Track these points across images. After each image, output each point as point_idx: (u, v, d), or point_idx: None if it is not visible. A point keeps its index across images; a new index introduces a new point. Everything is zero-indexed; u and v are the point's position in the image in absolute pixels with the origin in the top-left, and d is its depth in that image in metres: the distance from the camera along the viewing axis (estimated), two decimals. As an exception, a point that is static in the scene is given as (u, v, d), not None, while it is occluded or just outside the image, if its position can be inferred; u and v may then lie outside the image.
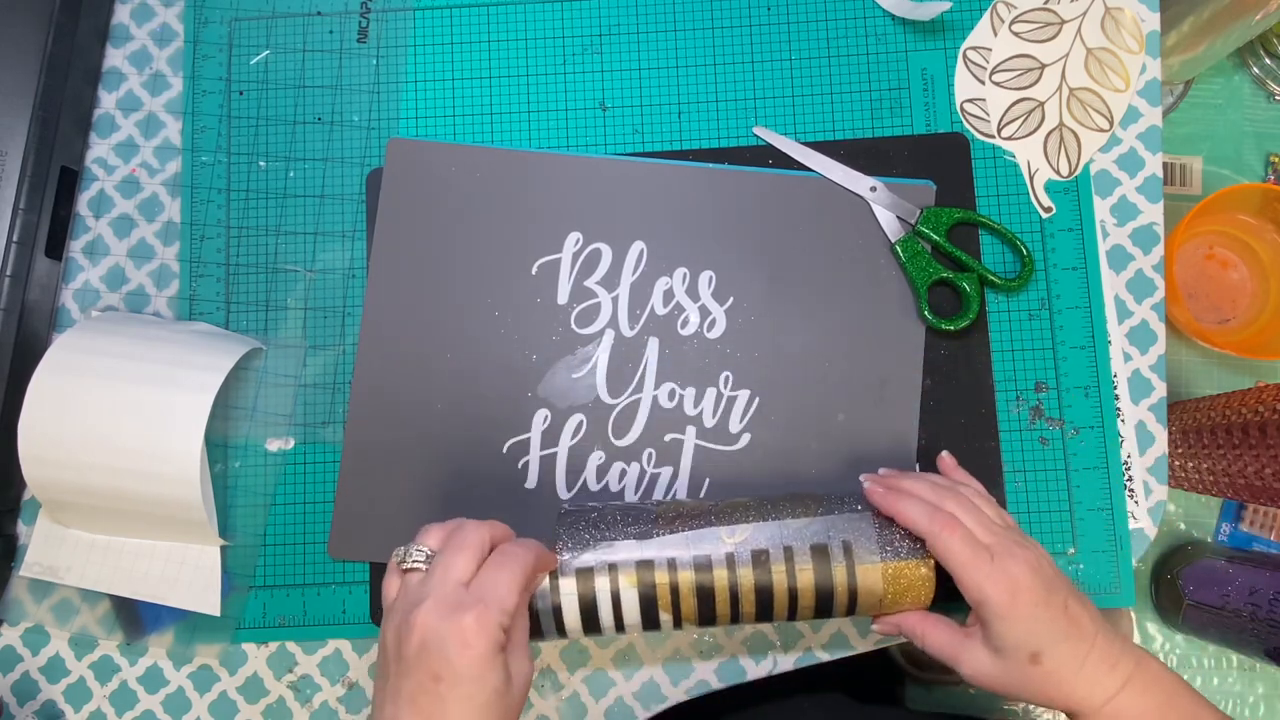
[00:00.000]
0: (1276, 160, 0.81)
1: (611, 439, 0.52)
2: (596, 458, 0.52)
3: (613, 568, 0.42)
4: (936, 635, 0.43)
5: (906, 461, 0.51)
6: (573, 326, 0.53)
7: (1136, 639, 0.76)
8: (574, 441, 0.52)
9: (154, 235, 0.56)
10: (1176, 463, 0.66)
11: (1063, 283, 0.53)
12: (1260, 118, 0.81)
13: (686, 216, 0.54)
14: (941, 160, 0.54)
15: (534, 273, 0.54)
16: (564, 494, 0.52)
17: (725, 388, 0.52)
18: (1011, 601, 0.39)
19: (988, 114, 0.55)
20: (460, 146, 0.55)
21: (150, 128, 0.57)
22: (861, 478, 0.44)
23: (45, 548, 0.53)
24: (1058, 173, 0.54)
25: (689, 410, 0.52)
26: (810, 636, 0.52)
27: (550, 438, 0.52)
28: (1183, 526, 0.77)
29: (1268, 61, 0.80)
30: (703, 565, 0.42)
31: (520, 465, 0.52)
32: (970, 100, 0.55)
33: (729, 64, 0.56)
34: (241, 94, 0.57)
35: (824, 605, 0.43)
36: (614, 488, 0.52)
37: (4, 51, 0.53)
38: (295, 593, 0.53)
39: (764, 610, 0.43)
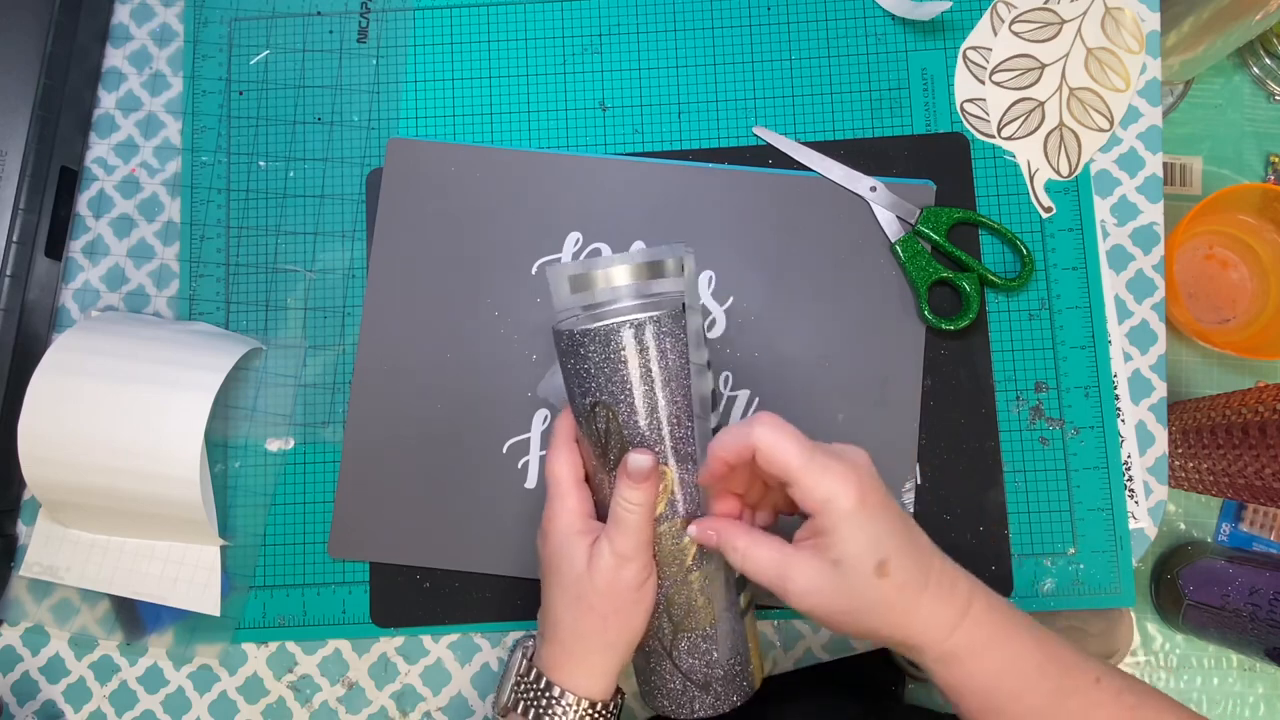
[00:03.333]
0: (1276, 160, 0.81)
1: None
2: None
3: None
4: (759, 552, 0.37)
5: (906, 461, 0.51)
6: (573, 326, 0.53)
7: (1136, 639, 0.76)
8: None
9: (154, 235, 0.56)
10: (1176, 463, 0.66)
11: (1063, 283, 0.53)
12: (1260, 118, 0.81)
13: (686, 216, 0.54)
14: (941, 160, 0.54)
15: (534, 273, 0.54)
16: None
17: (725, 388, 0.52)
18: (860, 498, 0.35)
19: (988, 114, 0.55)
20: (460, 146, 0.55)
21: (150, 128, 0.57)
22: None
23: (45, 548, 0.53)
24: (1058, 173, 0.54)
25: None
26: (810, 637, 0.52)
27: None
28: (1183, 526, 0.77)
29: (1268, 61, 0.80)
30: None
31: (520, 465, 0.52)
32: (970, 100, 0.55)
33: (729, 64, 0.56)
34: (241, 94, 0.57)
35: None
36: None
37: (4, 51, 0.53)
38: (295, 593, 0.53)
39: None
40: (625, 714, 0.51)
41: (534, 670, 0.41)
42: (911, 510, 0.51)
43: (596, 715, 0.40)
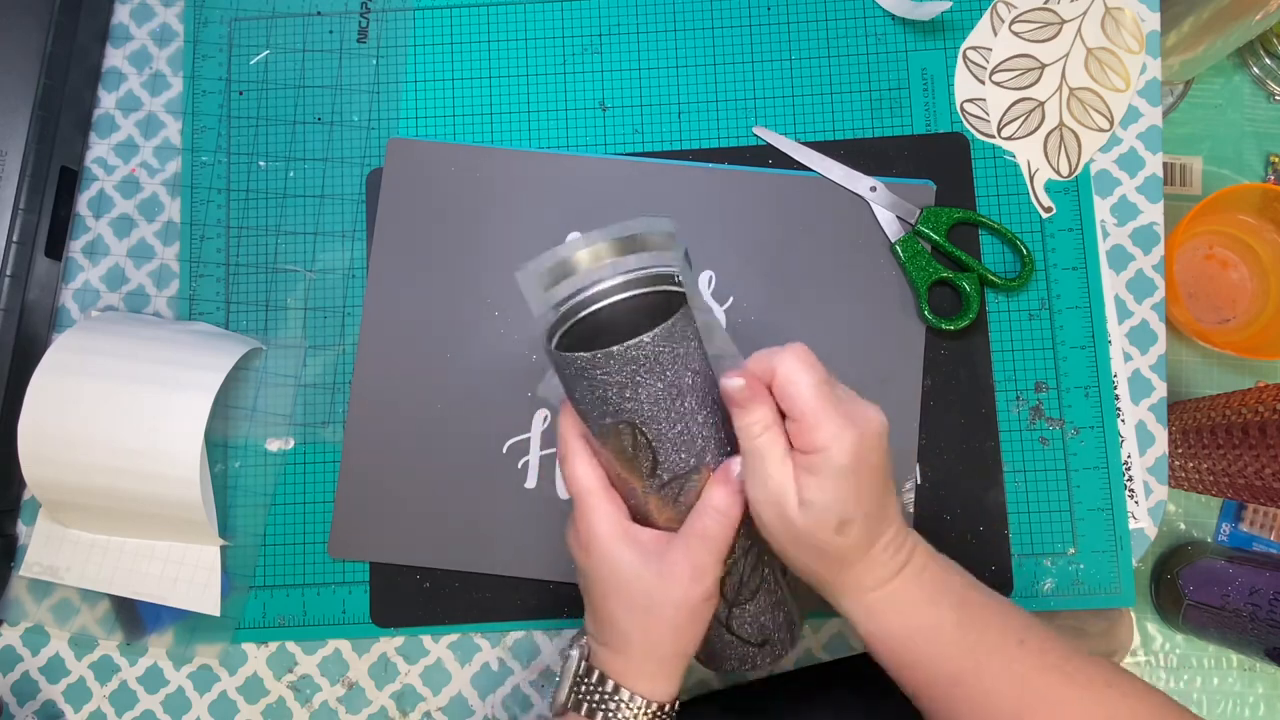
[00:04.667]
0: (1276, 160, 0.81)
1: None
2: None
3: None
4: (775, 441, 0.36)
5: (907, 461, 0.51)
6: (573, 326, 0.53)
7: (1136, 639, 0.76)
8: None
9: (154, 235, 0.56)
10: (1176, 463, 0.66)
11: (1063, 283, 0.53)
12: (1260, 118, 0.81)
13: (686, 216, 0.54)
14: (941, 160, 0.54)
15: (534, 273, 0.54)
16: (564, 494, 0.52)
17: (725, 388, 0.52)
18: (854, 457, 0.35)
19: (988, 114, 0.55)
20: (460, 146, 0.55)
21: (150, 128, 0.57)
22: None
23: (45, 548, 0.53)
24: (1058, 173, 0.54)
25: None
26: (810, 637, 0.52)
27: (550, 438, 0.52)
28: (1183, 526, 0.77)
29: (1268, 61, 0.80)
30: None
31: (520, 465, 0.52)
32: (970, 100, 0.55)
33: (729, 64, 0.56)
34: (241, 94, 0.57)
35: None
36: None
37: (4, 51, 0.53)
38: (295, 593, 0.53)
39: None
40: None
41: (596, 672, 0.40)
42: (911, 510, 0.51)
43: (664, 715, 0.39)
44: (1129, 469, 0.52)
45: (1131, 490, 0.52)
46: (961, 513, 0.51)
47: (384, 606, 0.52)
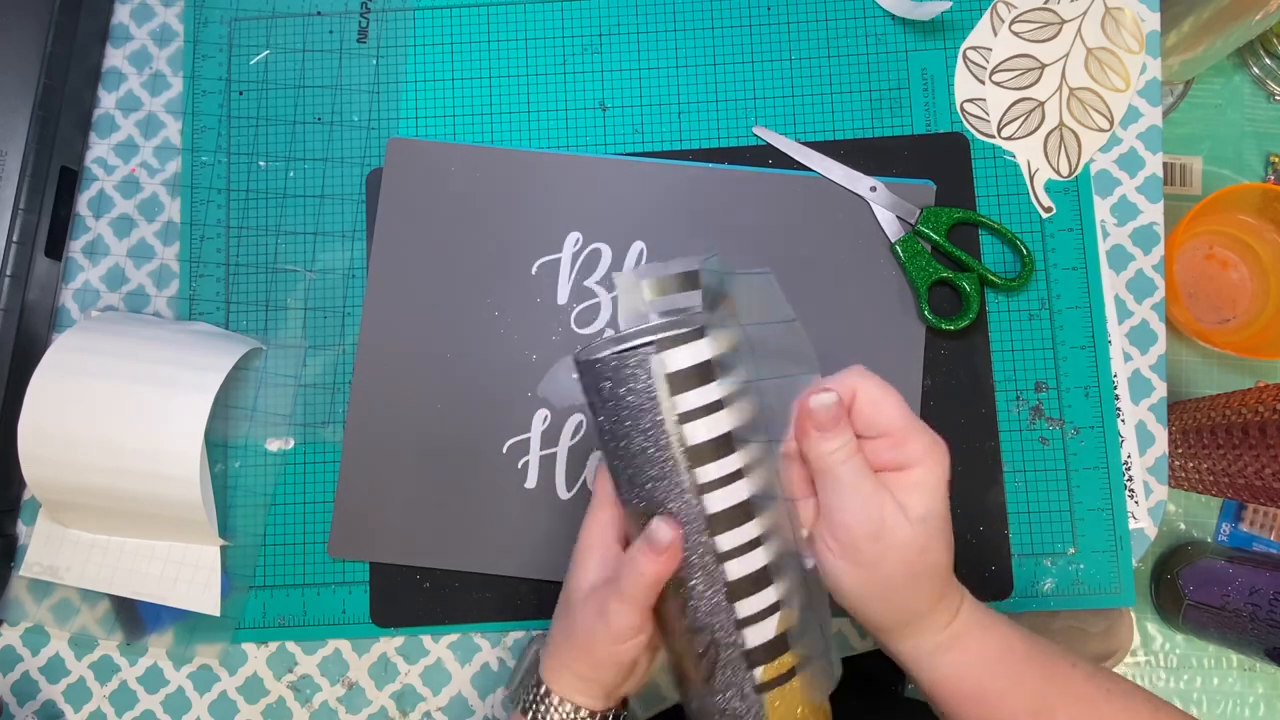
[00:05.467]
0: (1276, 160, 0.81)
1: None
2: (596, 458, 0.52)
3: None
4: (866, 474, 0.36)
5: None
6: (573, 326, 0.53)
7: (1136, 639, 0.77)
8: (574, 441, 0.52)
9: (154, 235, 0.56)
10: (1176, 463, 0.66)
11: (1063, 283, 0.53)
12: (1260, 118, 0.81)
13: (686, 216, 0.54)
14: (941, 160, 0.54)
15: (534, 273, 0.54)
16: (564, 494, 0.52)
17: (725, 388, 0.52)
18: (946, 472, 0.35)
19: (988, 114, 0.55)
20: (460, 146, 0.55)
21: (150, 128, 0.57)
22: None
23: (45, 548, 0.53)
24: (1058, 173, 0.54)
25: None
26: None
27: (550, 438, 0.52)
28: (1183, 526, 0.77)
29: (1268, 61, 0.80)
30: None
31: (520, 465, 0.52)
32: (970, 100, 0.55)
33: (729, 64, 0.56)
34: (241, 94, 0.57)
35: None
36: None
37: (4, 51, 0.53)
38: (295, 593, 0.53)
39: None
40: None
41: (536, 673, 0.41)
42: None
43: None
44: (1129, 469, 0.52)
45: (1131, 490, 0.52)
46: (961, 513, 0.51)
47: (384, 606, 0.52)
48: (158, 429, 0.48)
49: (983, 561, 0.51)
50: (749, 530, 0.36)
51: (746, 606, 0.36)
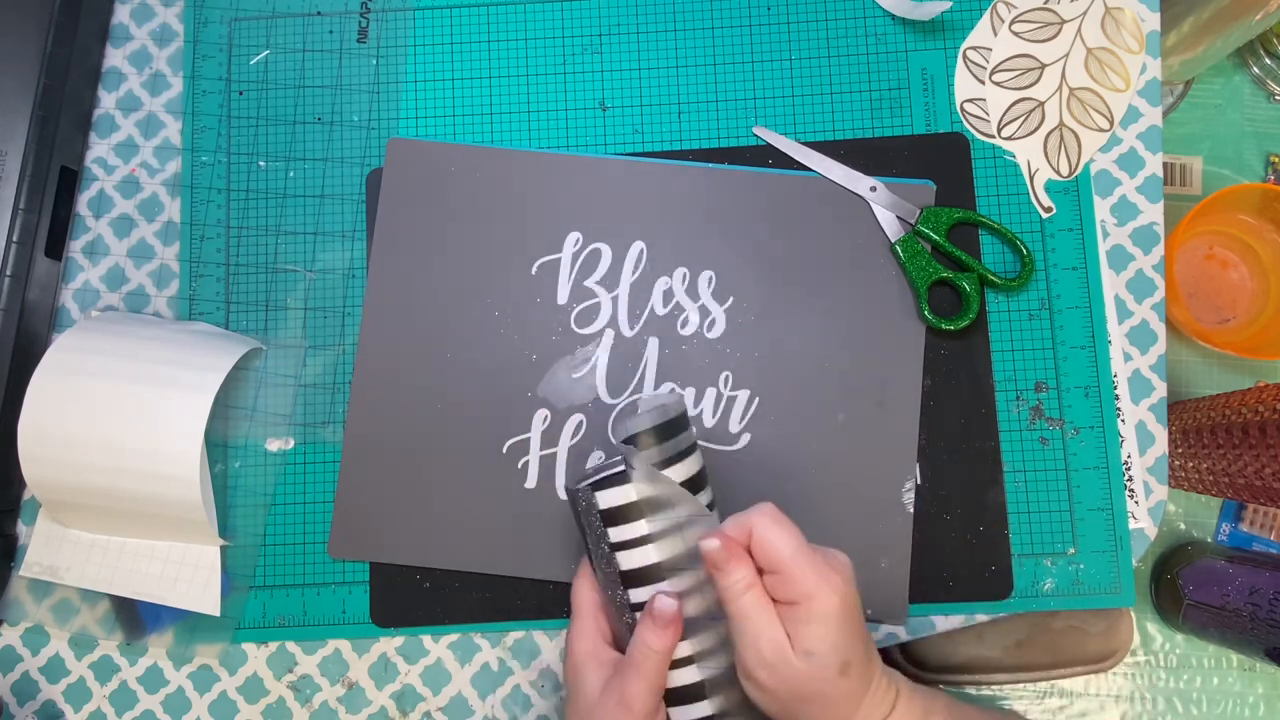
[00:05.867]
0: (1276, 160, 0.81)
1: (612, 439, 0.52)
2: (596, 458, 0.52)
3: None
4: (760, 600, 0.38)
5: (907, 461, 0.51)
6: (573, 326, 0.53)
7: (1136, 639, 0.76)
8: (574, 441, 0.52)
9: (154, 235, 0.56)
10: (1176, 463, 0.66)
11: (1063, 283, 0.53)
12: (1260, 118, 0.81)
13: (686, 216, 0.54)
14: (941, 160, 0.54)
15: (534, 273, 0.54)
16: (564, 494, 0.52)
17: (725, 388, 0.52)
18: (842, 600, 0.37)
19: (988, 114, 0.55)
20: (460, 146, 0.55)
21: (150, 128, 0.57)
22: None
23: (45, 548, 0.53)
24: (1058, 173, 0.54)
25: (689, 410, 0.52)
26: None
27: (550, 438, 0.52)
28: (1183, 526, 0.77)
29: (1268, 61, 0.80)
30: None
31: (520, 465, 0.52)
32: (970, 100, 0.55)
33: (729, 64, 0.56)
34: (241, 94, 0.57)
35: None
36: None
37: (4, 51, 0.53)
38: (295, 593, 0.53)
39: None
40: None
41: None
42: (911, 510, 0.51)
43: None
44: (1129, 469, 0.52)
45: (1131, 490, 0.52)
46: (961, 513, 0.51)
47: (384, 606, 0.52)
48: (157, 429, 0.48)
49: (983, 561, 0.51)
50: (680, 648, 0.41)
51: (679, 714, 0.42)
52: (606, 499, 0.41)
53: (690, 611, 0.41)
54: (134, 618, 0.53)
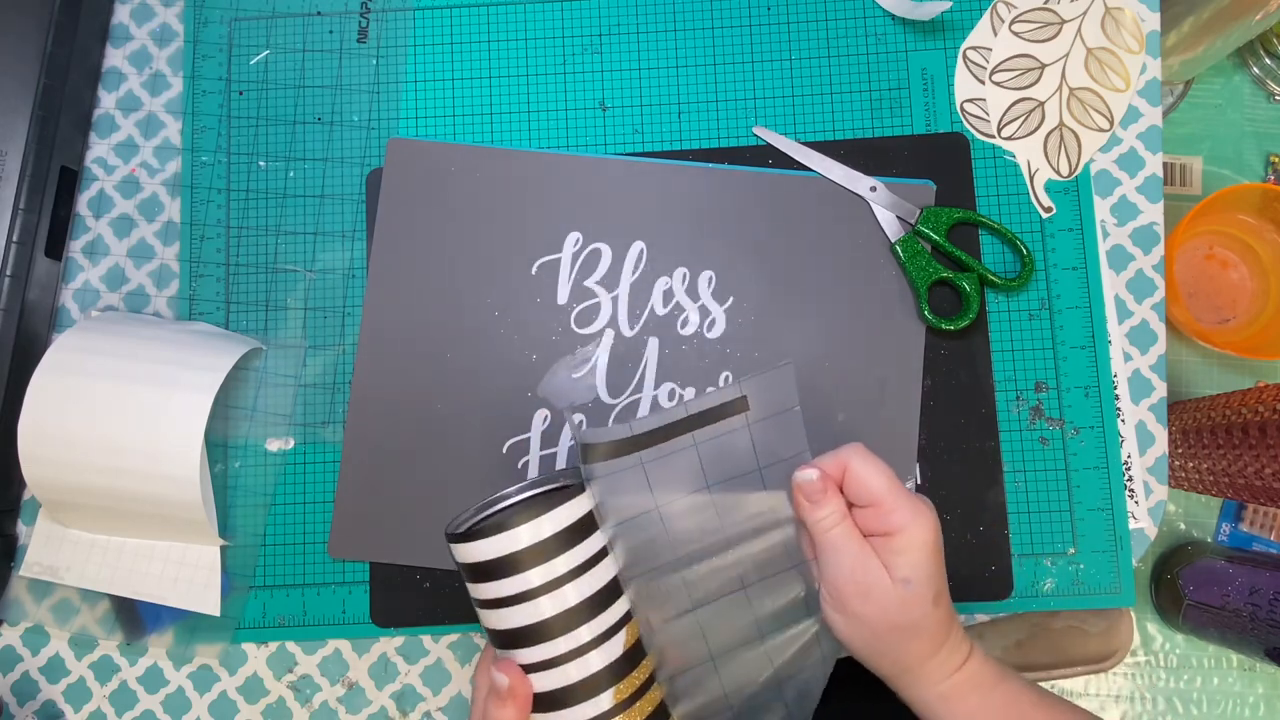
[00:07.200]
0: (1276, 160, 0.81)
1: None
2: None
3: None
4: (851, 531, 0.39)
5: (907, 461, 0.51)
6: (573, 326, 0.53)
7: (1136, 639, 0.77)
8: (574, 442, 0.52)
9: (154, 235, 0.56)
10: (1176, 463, 0.66)
11: (1063, 283, 0.53)
12: (1260, 118, 0.81)
13: (686, 216, 0.54)
14: (941, 160, 0.54)
15: (534, 273, 0.54)
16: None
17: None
18: (935, 531, 0.39)
19: (988, 114, 0.55)
20: (460, 146, 0.55)
21: (150, 128, 0.57)
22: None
23: (45, 548, 0.53)
24: (1058, 173, 0.54)
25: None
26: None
27: (550, 438, 0.52)
28: (1183, 526, 0.77)
29: (1268, 61, 0.80)
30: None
31: (520, 465, 0.52)
32: (970, 100, 0.55)
33: (729, 64, 0.56)
34: (241, 94, 0.57)
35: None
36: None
37: (4, 51, 0.53)
38: (295, 593, 0.53)
39: None
40: None
41: None
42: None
43: None
44: (1129, 469, 0.52)
45: (1131, 490, 0.52)
46: (961, 513, 0.51)
47: (384, 606, 0.52)
48: (157, 429, 0.48)
49: (983, 561, 0.51)
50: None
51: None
52: (465, 553, 0.41)
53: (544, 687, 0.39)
54: (134, 618, 0.53)
